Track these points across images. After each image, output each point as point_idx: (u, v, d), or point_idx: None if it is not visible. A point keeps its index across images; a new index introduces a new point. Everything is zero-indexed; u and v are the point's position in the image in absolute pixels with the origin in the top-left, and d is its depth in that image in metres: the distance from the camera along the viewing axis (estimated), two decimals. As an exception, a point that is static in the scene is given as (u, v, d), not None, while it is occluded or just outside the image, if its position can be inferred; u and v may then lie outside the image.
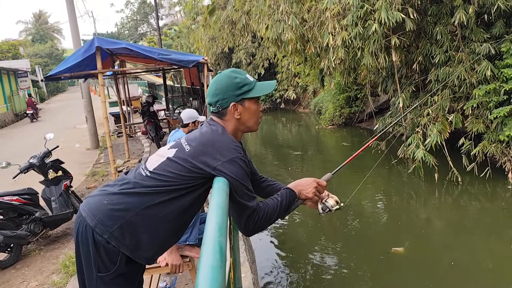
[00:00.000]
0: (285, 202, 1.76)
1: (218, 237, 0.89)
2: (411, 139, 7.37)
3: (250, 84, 1.74)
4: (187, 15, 23.93)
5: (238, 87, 1.71)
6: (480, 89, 6.74)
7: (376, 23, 6.74)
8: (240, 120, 1.74)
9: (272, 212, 1.69)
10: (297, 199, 1.87)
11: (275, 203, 1.72)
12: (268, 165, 10.67)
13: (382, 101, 13.01)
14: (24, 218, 4.77)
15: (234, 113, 1.72)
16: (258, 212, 1.65)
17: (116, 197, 1.64)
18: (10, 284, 4.09)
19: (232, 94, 1.70)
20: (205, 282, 0.74)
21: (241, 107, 1.72)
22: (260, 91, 1.75)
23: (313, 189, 1.85)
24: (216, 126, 1.71)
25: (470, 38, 7.07)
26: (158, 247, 1.75)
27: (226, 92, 1.70)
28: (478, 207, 6.54)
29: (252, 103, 1.75)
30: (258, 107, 1.79)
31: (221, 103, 1.71)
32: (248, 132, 1.83)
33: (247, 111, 1.74)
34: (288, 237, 5.99)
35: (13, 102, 24.76)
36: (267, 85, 1.78)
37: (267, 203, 1.71)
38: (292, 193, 1.81)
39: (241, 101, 1.72)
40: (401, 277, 4.57)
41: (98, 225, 1.61)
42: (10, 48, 41.41)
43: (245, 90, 1.72)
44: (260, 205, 1.68)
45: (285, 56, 12.09)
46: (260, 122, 1.85)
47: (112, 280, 1.66)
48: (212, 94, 1.74)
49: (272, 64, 20.11)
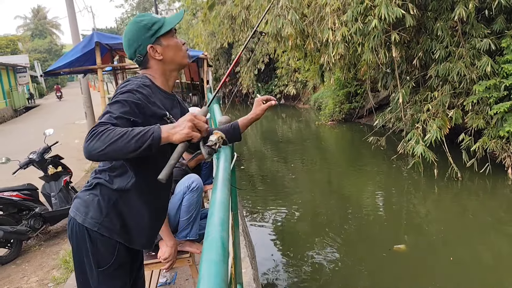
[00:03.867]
0: (137, 132, 1.35)
1: (220, 232, 0.89)
2: (410, 135, 7.37)
3: (159, 21, 1.68)
4: (186, 10, 23.82)
5: (147, 28, 1.65)
6: (480, 84, 6.74)
7: (376, 18, 6.73)
8: (164, 60, 1.70)
9: (115, 134, 1.34)
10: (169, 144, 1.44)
11: (124, 130, 1.36)
12: (268, 161, 10.67)
13: (382, 96, 12.99)
14: (24, 214, 4.77)
15: (155, 56, 1.68)
16: (102, 126, 1.38)
17: (96, 188, 1.67)
18: (10, 279, 4.10)
19: (145, 37, 1.65)
20: (208, 277, 0.74)
21: (159, 47, 1.67)
22: (171, 23, 1.69)
23: (188, 124, 1.40)
24: (133, 79, 1.63)
25: (471, 34, 7.05)
26: (148, 230, 1.77)
27: (138, 38, 1.66)
28: (478, 203, 6.55)
29: (168, 39, 1.69)
30: (177, 41, 1.73)
31: (139, 51, 1.67)
32: (180, 68, 1.80)
33: (167, 48, 1.68)
34: (288, 233, 5.99)
35: (12, 98, 24.72)
36: (175, 16, 1.73)
37: (118, 127, 1.40)
38: (154, 129, 1.38)
39: (157, 41, 1.67)
40: (402, 275, 4.57)
41: (86, 220, 1.64)
42: (9, 44, 41.27)
43: (156, 29, 1.66)
44: (109, 126, 1.39)
45: (285, 52, 12.07)
46: (188, 56, 1.79)
47: (113, 272, 1.68)
48: (128, 46, 1.69)
49: (272, 59, 20.07)
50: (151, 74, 1.70)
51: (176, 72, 1.78)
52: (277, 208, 6.91)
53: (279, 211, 6.78)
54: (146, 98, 1.55)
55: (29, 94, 30.71)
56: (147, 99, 1.55)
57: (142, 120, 1.51)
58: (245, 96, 25.19)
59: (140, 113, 1.51)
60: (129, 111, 1.47)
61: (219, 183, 1.30)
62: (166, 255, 2.54)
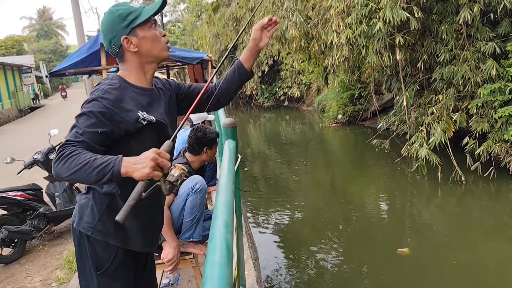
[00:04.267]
0: (99, 164, 1.32)
1: (224, 234, 0.90)
2: (414, 138, 7.35)
3: (136, 11, 1.58)
4: (191, 12, 23.91)
5: (122, 18, 1.56)
6: (485, 88, 6.71)
7: (381, 21, 6.72)
8: (140, 52, 1.60)
9: (78, 163, 1.33)
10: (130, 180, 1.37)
11: (87, 159, 1.33)
12: (271, 163, 10.67)
13: (386, 99, 12.97)
14: (28, 214, 4.79)
15: (129, 47, 1.58)
16: (68, 146, 1.38)
17: (89, 192, 1.66)
18: (14, 279, 4.11)
19: (120, 28, 1.56)
20: (212, 278, 0.74)
21: (134, 38, 1.57)
22: (147, 13, 1.59)
23: (150, 163, 1.29)
24: (102, 82, 1.58)
25: (476, 37, 7.03)
26: (144, 231, 1.72)
27: (113, 28, 1.57)
28: (482, 206, 6.52)
29: (145, 30, 1.59)
30: (155, 32, 1.62)
31: (114, 42, 1.58)
32: (159, 62, 1.68)
33: (143, 40, 1.58)
34: (291, 235, 5.99)
35: (17, 98, 24.84)
36: (153, 5, 1.61)
37: (83, 152, 1.37)
38: (114, 163, 1.33)
39: (133, 32, 1.57)
40: (406, 278, 4.55)
41: (80, 224, 1.64)
42: (14, 44, 41.49)
43: (131, 19, 1.56)
44: (76, 148, 1.38)
45: (289, 54, 12.08)
46: (168, 47, 1.68)
47: (112, 275, 1.67)
48: (103, 37, 1.61)
49: (276, 61, 20.07)
50: (125, 69, 1.64)
51: (154, 65, 1.67)
52: (280, 210, 6.91)
53: (282, 213, 6.78)
54: (114, 104, 1.49)
55: (34, 95, 30.86)
56: (114, 104, 1.50)
57: (111, 128, 1.48)
58: (249, 98, 25.20)
59: (108, 121, 1.47)
60: (95, 123, 1.45)
61: (223, 185, 1.31)
62: (170, 257, 2.55)
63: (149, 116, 1.57)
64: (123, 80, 1.60)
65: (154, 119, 1.59)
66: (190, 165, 2.86)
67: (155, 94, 1.70)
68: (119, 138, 1.53)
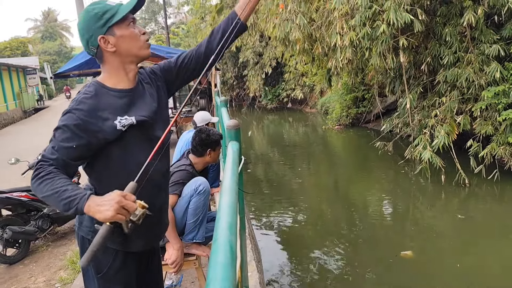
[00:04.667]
0: (66, 197, 1.35)
1: (228, 235, 0.90)
2: (418, 140, 7.34)
3: (112, 9, 1.51)
4: (195, 14, 23.96)
5: (98, 17, 1.50)
6: (489, 90, 6.70)
7: (385, 23, 6.72)
8: (119, 52, 1.54)
9: (49, 189, 1.36)
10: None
11: (57, 188, 1.36)
12: (274, 165, 10.67)
13: (389, 101, 12.96)
14: (33, 214, 4.81)
15: (107, 47, 1.52)
16: (44, 166, 1.42)
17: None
18: (18, 279, 4.13)
19: (96, 27, 1.50)
20: (216, 280, 0.75)
21: (112, 37, 1.51)
22: (124, 10, 1.52)
23: (115, 206, 1.30)
24: (81, 91, 1.55)
25: (480, 39, 7.01)
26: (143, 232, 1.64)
27: (89, 28, 1.51)
28: (486, 209, 6.50)
29: (123, 28, 1.53)
30: (134, 30, 1.56)
31: (91, 42, 1.52)
32: (139, 61, 1.61)
33: (121, 39, 1.52)
34: (294, 237, 5.98)
35: (22, 99, 24.95)
36: (130, 2, 1.55)
37: (57, 176, 1.39)
38: (79, 199, 1.35)
39: (110, 32, 1.51)
40: (409, 281, 4.54)
41: (81, 228, 1.65)
42: (19, 46, 41.72)
43: (107, 18, 1.50)
44: (51, 169, 1.41)
45: (293, 56, 12.08)
46: (149, 45, 1.61)
47: (113, 278, 1.66)
48: (80, 38, 1.55)
49: (280, 63, 20.09)
50: (105, 71, 1.59)
51: (134, 65, 1.60)
52: (283, 212, 6.91)
53: (285, 215, 6.78)
54: (89, 114, 1.47)
55: (39, 96, 31.00)
56: (89, 114, 1.47)
57: (88, 140, 1.47)
58: (252, 99, 25.22)
59: (84, 133, 1.46)
60: (70, 137, 1.45)
61: (227, 186, 1.31)
62: (174, 258, 2.55)
63: (129, 120, 1.53)
64: (101, 86, 1.56)
65: (134, 121, 1.54)
66: (193, 167, 2.86)
67: (139, 91, 1.63)
68: (100, 147, 1.51)
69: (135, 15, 1.63)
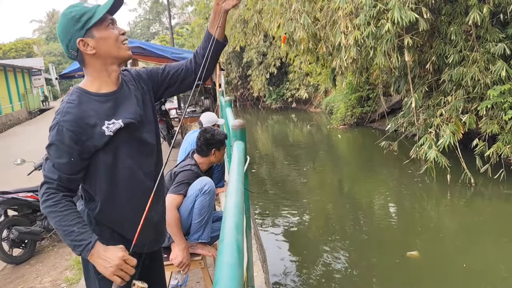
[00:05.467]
0: (73, 238, 1.45)
1: (235, 235, 0.90)
2: (423, 140, 7.30)
3: (90, 11, 1.49)
4: (199, 14, 23.98)
5: (76, 20, 1.48)
6: (494, 89, 6.65)
7: (389, 22, 6.69)
8: (99, 54, 1.52)
9: (57, 221, 1.45)
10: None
11: (65, 224, 1.45)
12: (278, 165, 10.66)
13: (394, 101, 12.91)
14: (38, 215, 4.82)
15: (87, 50, 1.50)
16: (48, 191, 1.47)
17: (82, 199, 1.68)
18: (24, 279, 4.15)
19: (74, 31, 1.48)
20: (223, 279, 0.74)
21: (91, 40, 1.49)
22: (101, 11, 1.49)
23: (114, 268, 1.44)
24: (64, 100, 1.55)
25: (485, 38, 6.97)
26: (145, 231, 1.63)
27: (68, 31, 1.49)
28: (492, 209, 6.46)
29: (101, 30, 1.51)
30: (113, 31, 1.54)
31: (71, 46, 1.51)
32: (121, 62, 1.59)
33: (100, 41, 1.50)
34: (299, 237, 5.98)
35: (27, 100, 25.08)
36: (107, 2, 1.51)
37: (65, 210, 1.46)
38: (85, 245, 1.45)
39: (88, 34, 1.49)
40: (415, 282, 4.52)
41: None
42: (24, 47, 42.01)
43: (85, 20, 1.48)
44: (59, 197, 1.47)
45: (297, 56, 12.07)
46: (128, 47, 1.59)
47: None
48: (61, 42, 1.54)
49: (284, 63, 20.07)
50: (88, 74, 1.58)
51: (116, 66, 1.58)
52: (288, 212, 6.90)
53: (290, 215, 6.77)
54: (76, 123, 1.48)
55: (44, 97, 31.14)
56: (77, 123, 1.48)
57: (81, 150, 1.49)
58: (256, 99, 25.22)
59: (76, 144, 1.48)
60: (65, 151, 1.47)
61: (233, 186, 1.30)
62: (179, 259, 2.56)
63: (116, 124, 1.53)
64: (83, 92, 1.55)
65: (122, 124, 1.54)
66: (198, 167, 2.86)
67: (123, 93, 1.62)
68: (91, 154, 1.53)
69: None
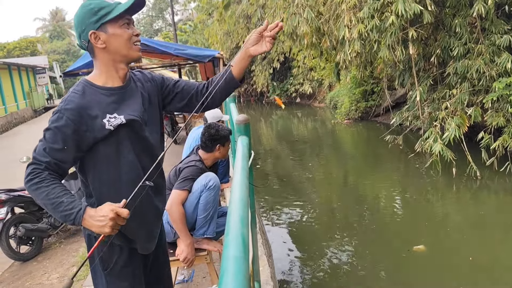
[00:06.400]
0: (63, 209, 1.44)
1: (240, 228, 0.90)
2: (428, 133, 7.27)
3: (108, 7, 1.52)
4: (201, 10, 23.94)
5: (93, 13, 1.51)
6: (500, 82, 6.60)
7: (393, 15, 6.65)
8: (109, 49, 1.55)
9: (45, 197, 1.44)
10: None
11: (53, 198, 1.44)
12: (283, 160, 10.66)
13: (399, 95, 12.86)
14: (45, 212, 4.86)
15: (97, 43, 1.54)
16: (35, 171, 1.47)
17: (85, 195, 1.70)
18: (32, 276, 4.18)
19: (89, 22, 1.51)
20: (229, 272, 0.74)
21: (103, 34, 1.52)
22: (119, 9, 1.52)
23: (110, 223, 1.42)
24: (71, 89, 1.59)
25: (490, 30, 6.91)
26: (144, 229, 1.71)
27: (83, 22, 1.53)
28: (498, 202, 6.43)
29: (116, 27, 1.54)
30: (127, 30, 1.56)
31: (83, 36, 1.54)
32: (129, 62, 1.63)
33: (112, 37, 1.53)
34: (304, 232, 5.98)
35: (32, 98, 25.20)
36: (126, 2, 1.55)
37: (51, 184, 1.46)
38: (76, 212, 1.45)
39: (102, 28, 1.52)
40: (422, 275, 4.51)
41: None
42: (28, 45, 42.08)
43: (102, 14, 1.51)
44: (45, 174, 1.46)
45: (301, 50, 12.04)
46: (139, 49, 1.63)
47: (118, 274, 1.68)
48: (75, 30, 1.57)
49: (288, 58, 20.01)
50: (96, 67, 1.61)
51: (124, 64, 1.62)
52: (293, 206, 6.90)
53: (295, 209, 6.77)
54: (78, 113, 1.49)
55: (48, 95, 31.29)
56: (78, 113, 1.49)
57: (78, 139, 1.50)
58: (260, 95, 25.19)
59: (74, 133, 1.49)
60: (60, 138, 1.48)
61: (238, 180, 1.30)
62: (185, 255, 2.57)
63: (117, 119, 1.54)
64: (89, 84, 1.57)
65: (124, 120, 1.55)
66: (203, 162, 2.87)
67: (130, 89, 1.65)
68: (89, 146, 1.54)
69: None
